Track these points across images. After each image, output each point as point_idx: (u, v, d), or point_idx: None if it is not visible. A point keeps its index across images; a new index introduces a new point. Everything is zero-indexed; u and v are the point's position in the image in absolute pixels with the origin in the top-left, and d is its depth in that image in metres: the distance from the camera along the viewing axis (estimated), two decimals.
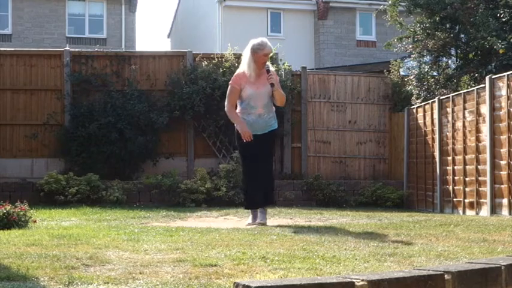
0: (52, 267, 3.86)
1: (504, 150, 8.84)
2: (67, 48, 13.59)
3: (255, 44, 7.18)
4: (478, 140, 9.72)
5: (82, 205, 10.61)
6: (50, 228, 6.51)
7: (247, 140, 7.10)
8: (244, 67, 7.26)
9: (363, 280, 2.73)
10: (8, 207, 6.65)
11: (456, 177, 10.48)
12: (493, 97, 9.22)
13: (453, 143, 10.60)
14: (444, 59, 13.25)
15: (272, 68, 7.40)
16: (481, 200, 9.55)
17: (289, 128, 13.37)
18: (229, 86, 7.32)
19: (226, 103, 7.35)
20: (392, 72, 13.80)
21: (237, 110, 7.30)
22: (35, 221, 7.01)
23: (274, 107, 7.42)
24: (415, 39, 12.91)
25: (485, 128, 9.42)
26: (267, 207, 7.55)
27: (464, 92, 10.45)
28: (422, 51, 12.90)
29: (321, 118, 13.61)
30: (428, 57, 13.14)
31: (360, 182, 13.05)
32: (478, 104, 9.73)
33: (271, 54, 7.28)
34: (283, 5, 25.09)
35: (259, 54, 7.14)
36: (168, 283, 3.39)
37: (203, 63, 13.04)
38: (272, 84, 7.15)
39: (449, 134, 10.73)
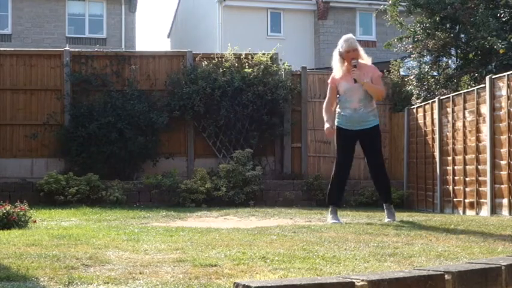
0: (52, 267, 3.85)
1: (504, 150, 8.83)
2: (67, 48, 13.59)
3: (338, 44, 7.35)
4: (478, 140, 9.71)
5: (82, 205, 10.61)
6: (49, 228, 6.51)
7: (329, 137, 7.88)
8: (336, 67, 7.41)
9: (363, 280, 2.73)
10: (8, 207, 6.64)
11: (456, 177, 10.47)
12: (493, 97, 9.21)
13: (453, 143, 10.59)
14: (444, 59, 13.23)
15: (358, 63, 7.26)
16: (481, 200, 9.54)
17: (289, 128, 13.36)
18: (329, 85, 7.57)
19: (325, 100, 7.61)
20: (393, 72, 13.79)
21: (338, 107, 7.44)
22: (34, 221, 7.01)
23: (374, 103, 7.41)
24: (415, 39, 12.89)
25: (485, 128, 9.41)
26: (390, 205, 7.51)
27: (464, 92, 10.43)
28: (422, 51, 12.89)
29: (321, 118, 13.41)
30: (428, 57, 13.12)
31: (360, 182, 13.03)
32: (478, 104, 9.72)
33: (355, 49, 7.26)
34: (283, 5, 25.08)
35: (343, 52, 7.28)
36: (168, 283, 3.38)
37: (203, 63, 13.04)
38: (354, 80, 7.23)
39: (450, 134, 10.72)
